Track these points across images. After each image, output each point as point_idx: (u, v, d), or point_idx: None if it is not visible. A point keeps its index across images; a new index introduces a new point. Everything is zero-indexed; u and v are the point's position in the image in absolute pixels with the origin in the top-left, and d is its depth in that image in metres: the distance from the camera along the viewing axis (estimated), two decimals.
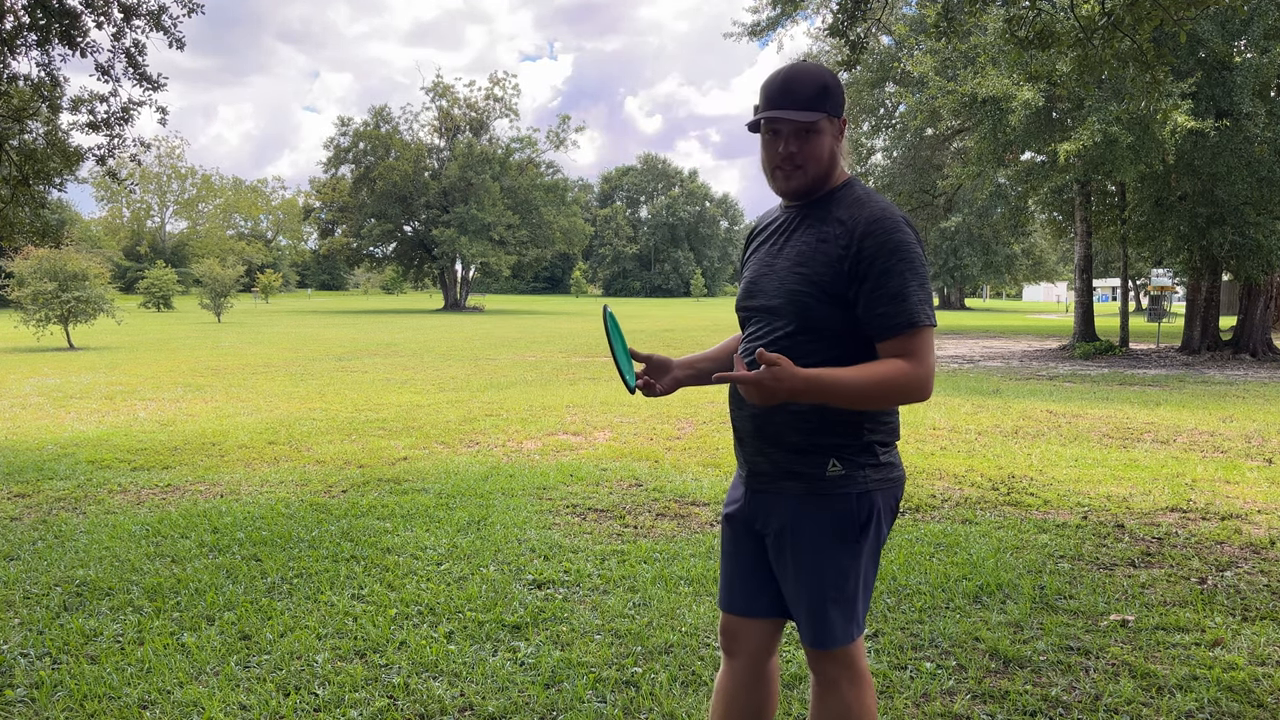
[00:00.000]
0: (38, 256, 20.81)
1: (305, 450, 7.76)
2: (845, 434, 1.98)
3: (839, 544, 1.99)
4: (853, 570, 2.01)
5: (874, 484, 1.99)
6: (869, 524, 2.00)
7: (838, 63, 10.75)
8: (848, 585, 2.02)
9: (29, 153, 9.47)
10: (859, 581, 2.03)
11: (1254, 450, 7.74)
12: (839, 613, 2.02)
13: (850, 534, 1.99)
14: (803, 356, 1.93)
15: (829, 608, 2.02)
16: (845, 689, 2.07)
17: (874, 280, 1.90)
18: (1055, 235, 28.47)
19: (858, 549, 2.01)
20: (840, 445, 1.98)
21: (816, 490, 1.99)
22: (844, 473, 1.98)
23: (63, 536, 5.02)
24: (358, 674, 3.25)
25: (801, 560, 2.02)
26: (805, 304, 1.97)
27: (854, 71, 22.30)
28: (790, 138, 1.99)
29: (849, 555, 2.00)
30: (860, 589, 2.04)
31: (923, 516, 5.46)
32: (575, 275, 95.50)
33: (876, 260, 1.89)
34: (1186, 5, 6.08)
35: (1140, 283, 47.07)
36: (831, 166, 2.03)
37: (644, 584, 4.16)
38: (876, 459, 2.01)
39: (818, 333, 1.97)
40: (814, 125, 1.97)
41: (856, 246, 1.92)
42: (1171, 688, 3.15)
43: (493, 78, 73.41)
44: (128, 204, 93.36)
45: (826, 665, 2.08)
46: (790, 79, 1.99)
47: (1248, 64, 15.19)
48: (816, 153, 1.99)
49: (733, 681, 2.24)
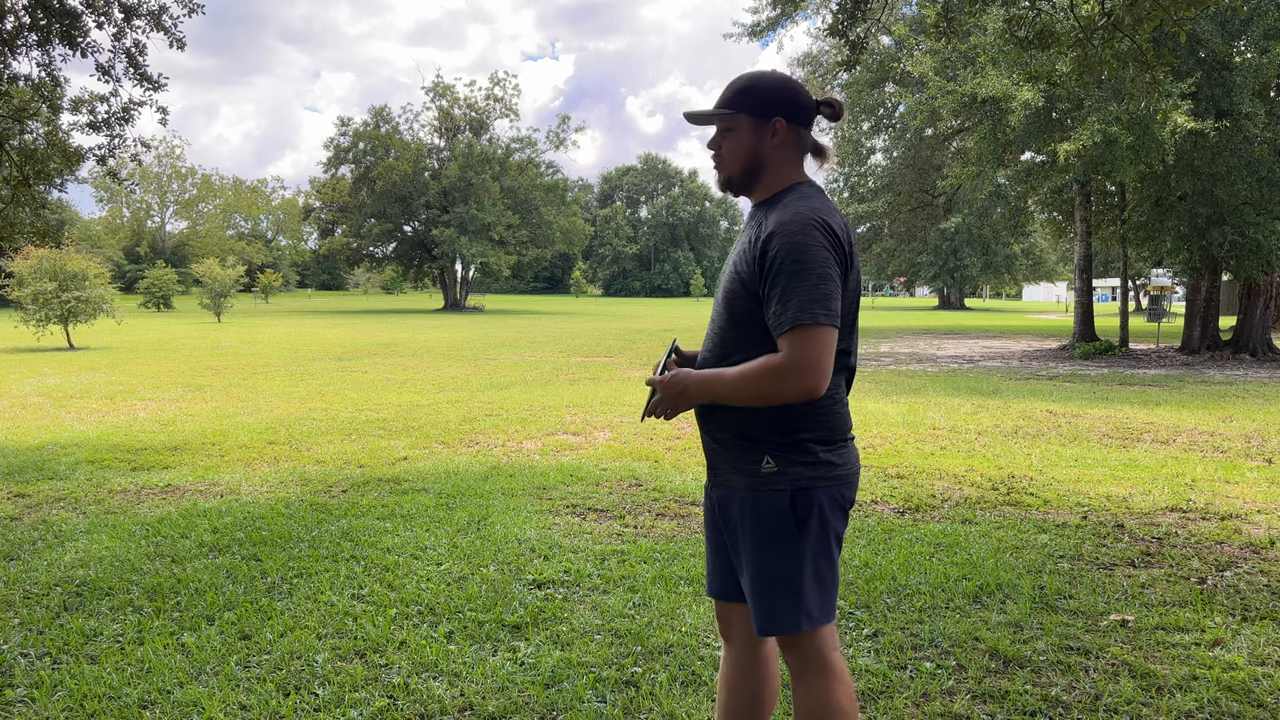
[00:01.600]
0: (38, 256, 20.81)
1: (305, 450, 7.76)
2: (774, 432, 2.06)
3: (775, 536, 2.07)
4: (793, 561, 2.07)
5: (809, 480, 2.05)
6: (808, 519, 2.06)
7: (838, 63, 10.75)
8: (788, 574, 2.07)
9: (29, 153, 9.47)
10: (802, 573, 2.08)
11: (1254, 450, 7.74)
12: (782, 600, 2.08)
13: (784, 527, 2.06)
14: (734, 351, 2.08)
15: (770, 595, 2.09)
16: (813, 680, 2.12)
17: (772, 279, 1.98)
18: (1055, 235, 28.47)
19: (797, 541, 2.07)
20: (772, 443, 2.06)
21: (754, 485, 2.08)
22: (777, 469, 2.05)
23: (63, 536, 5.02)
24: (358, 674, 3.25)
25: (746, 550, 2.11)
26: (734, 301, 2.09)
27: (854, 71, 22.29)
28: (716, 133, 2.16)
29: (788, 546, 2.07)
30: (807, 580, 2.08)
31: (923, 516, 5.46)
32: (575, 275, 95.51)
33: (774, 262, 1.98)
34: (1186, 5, 6.07)
35: (1140, 283, 47.09)
36: (755, 165, 2.12)
37: (644, 584, 4.16)
38: (814, 456, 2.07)
39: (745, 329, 2.07)
40: (730, 122, 2.11)
41: (763, 248, 2.01)
42: (1171, 688, 3.15)
43: (493, 78, 73.43)
44: (128, 204, 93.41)
45: (792, 655, 2.14)
46: (728, 83, 2.16)
47: (1248, 64, 15.19)
48: (733, 149, 2.13)
49: (731, 667, 2.33)
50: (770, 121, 2.09)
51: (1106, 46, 6.57)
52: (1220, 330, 19.94)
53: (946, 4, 7.79)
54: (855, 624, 3.72)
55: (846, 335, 2.09)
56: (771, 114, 2.09)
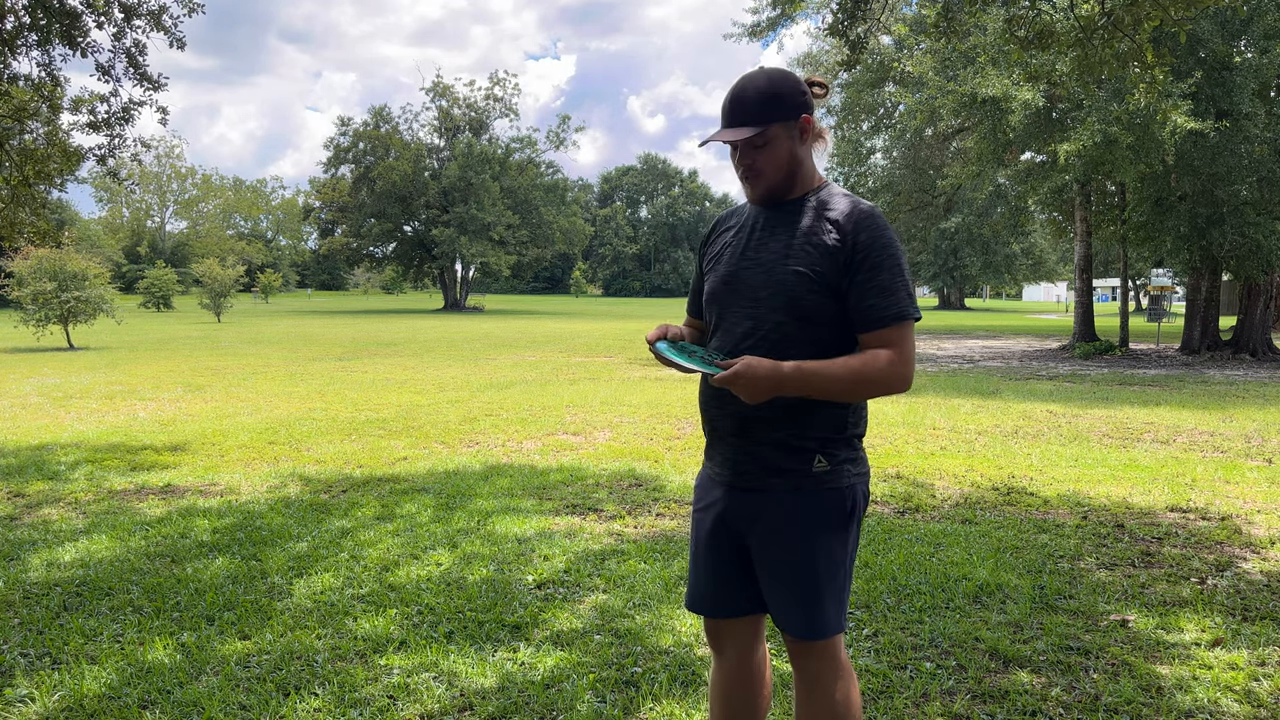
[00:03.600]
0: (38, 256, 20.78)
1: (305, 450, 7.76)
2: (831, 429, 2.04)
3: (830, 535, 2.05)
4: (843, 560, 2.09)
5: (854, 477, 2.08)
6: (853, 515, 2.08)
7: (838, 63, 10.74)
8: (839, 574, 2.09)
9: (29, 153, 9.46)
10: (848, 570, 2.11)
11: (1254, 450, 7.74)
12: (832, 602, 2.08)
13: (840, 526, 2.06)
14: (790, 345, 2.01)
15: (824, 598, 2.06)
16: (831, 682, 2.10)
17: (866, 273, 1.97)
18: (1055, 235, 28.48)
19: (845, 539, 2.08)
20: (826, 440, 2.04)
21: (804, 486, 2.04)
22: (829, 468, 2.04)
23: (62, 536, 5.02)
24: (358, 674, 3.25)
25: (795, 553, 2.06)
26: (796, 294, 2.02)
27: (854, 71, 22.29)
28: (745, 151, 2.07)
29: (839, 545, 2.07)
30: (849, 578, 2.12)
31: (923, 516, 5.46)
32: (575, 275, 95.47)
33: (870, 254, 1.97)
34: (1186, 5, 6.07)
35: (1140, 283, 47.08)
36: (795, 167, 2.09)
37: (644, 584, 4.16)
38: (856, 452, 2.10)
39: (806, 322, 2.02)
40: (761, 139, 2.04)
41: (851, 240, 1.99)
42: (1171, 688, 3.15)
43: (493, 77, 73.48)
44: (127, 204, 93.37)
45: (812, 660, 2.10)
46: (736, 98, 2.06)
47: (1248, 64, 15.19)
48: (773, 160, 2.07)
49: (724, 676, 2.30)
50: (799, 120, 2.07)
51: (1106, 46, 6.56)
52: (1220, 330, 19.94)
53: (946, 4, 7.79)
54: (855, 624, 3.72)
55: None
56: (797, 114, 2.07)
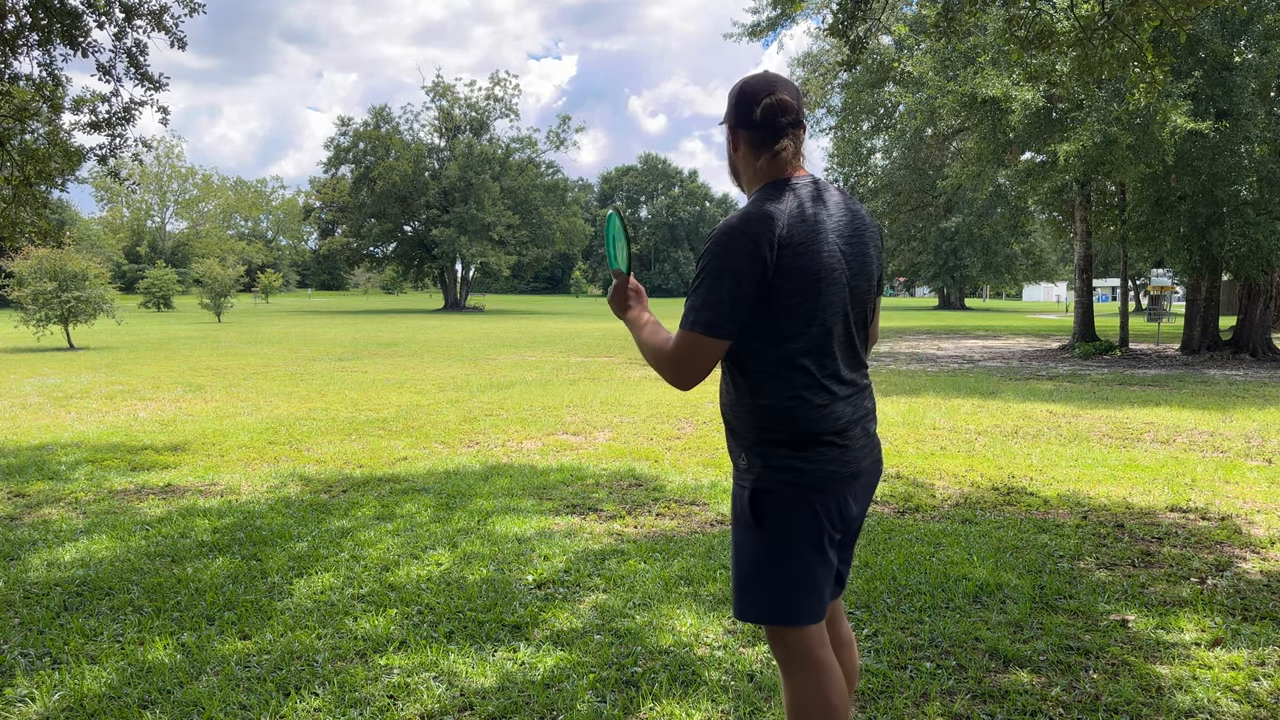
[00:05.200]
0: (38, 256, 20.78)
1: (305, 450, 7.76)
2: (749, 433, 2.14)
3: (738, 528, 2.19)
4: (746, 553, 2.16)
5: (773, 481, 2.10)
6: (764, 517, 2.12)
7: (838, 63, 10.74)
8: (742, 565, 2.18)
9: (31, 152, 9.46)
10: (753, 566, 2.15)
11: (1254, 450, 7.74)
12: (737, 587, 2.20)
13: (746, 522, 2.15)
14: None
15: (733, 581, 2.22)
16: (791, 673, 2.19)
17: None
18: (1055, 235, 28.46)
19: (755, 535, 2.14)
20: (752, 441, 2.14)
21: (736, 479, 2.21)
22: (746, 466, 2.16)
23: (62, 536, 5.02)
24: (358, 674, 3.25)
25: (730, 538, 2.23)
26: None
27: (854, 71, 22.28)
28: None
29: (744, 539, 2.17)
30: (757, 575, 2.15)
31: (923, 516, 5.46)
32: (575, 275, 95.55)
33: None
34: (1186, 5, 6.07)
35: (1140, 283, 47.08)
36: (736, 171, 2.23)
37: (644, 584, 4.17)
38: (779, 460, 2.11)
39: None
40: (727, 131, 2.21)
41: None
42: (1171, 688, 3.15)
43: (493, 77, 73.32)
44: (128, 204, 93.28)
45: (774, 649, 2.23)
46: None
47: (1248, 64, 15.18)
48: (729, 156, 2.24)
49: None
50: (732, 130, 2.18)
51: (1106, 46, 6.56)
52: (1220, 330, 19.93)
53: (946, 4, 7.79)
54: (855, 624, 3.72)
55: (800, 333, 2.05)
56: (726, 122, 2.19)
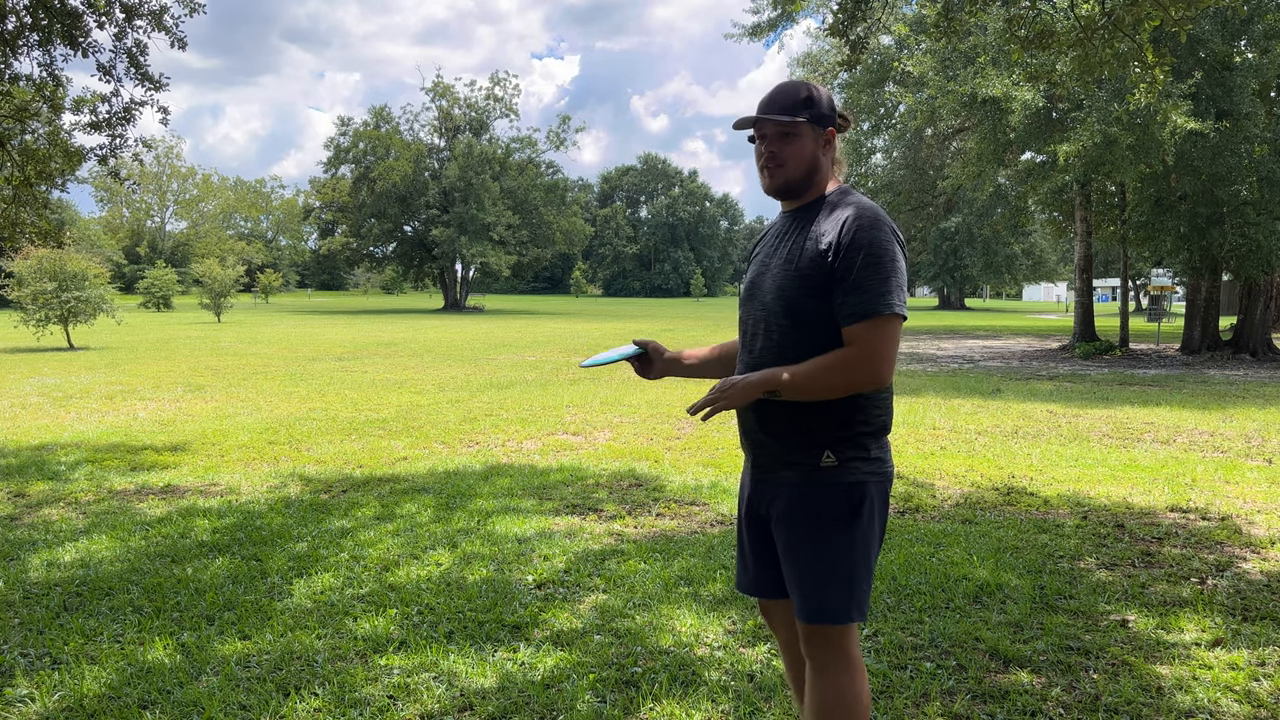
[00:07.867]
0: (37, 256, 20.77)
1: (305, 450, 7.76)
2: (837, 428, 2.14)
3: (833, 527, 2.16)
4: (846, 550, 2.16)
5: (864, 475, 2.16)
6: (860, 510, 2.15)
7: (838, 63, 10.75)
8: (842, 564, 2.16)
9: (31, 153, 9.46)
10: (854, 562, 2.17)
11: (1254, 450, 7.74)
12: (835, 589, 2.16)
13: (844, 518, 2.15)
14: (791, 347, 2.16)
15: (825, 585, 2.17)
16: (835, 673, 2.19)
17: (843, 272, 2.10)
18: (1055, 235, 28.47)
19: (851, 532, 2.16)
20: (835, 438, 2.14)
21: (812, 480, 2.16)
22: (836, 464, 2.15)
23: (62, 536, 5.02)
24: (358, 674, 3.25)
25: (800, 542, 2.19)
26: (793, 298, 2.17)
27: (854, 71, 22.27)
28: (772, 139, 2.24)
29: (843, 537, 2.16)
30: (857, 570, 2.17)
31: (923, 516, 5.46)
32: (575, 275, 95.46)
33: (849, 253, 2.09)
34: (1187, 5, 6.07)
35: (1140, 283, 47.07)
36: (813, 170, 2.25)
37: (644, 584, 4.17)
38: (867, 453, 2.17)
39: (806, 326, 2.16)
40: (793, 129, 2.21)
41: (838, 241, 2.12)
42: (1171, 688, 3.15)
43: (493, 77, 73.26)
44: (128, 204, 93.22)
45: (819, 648, 2.20)
46: (777, 91, 2.26)
47: (1248, 64, 15.18)
48: (797, 154, 2.23)
49: (788, 655, 2.46)
50: (826, 130, 2.24)
51: (1106, 46, 6.56)
52: (1220, 330, 19.93)
53: (946, 4, 7.78)
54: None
55: None
56: (827, 124, 2.24)
